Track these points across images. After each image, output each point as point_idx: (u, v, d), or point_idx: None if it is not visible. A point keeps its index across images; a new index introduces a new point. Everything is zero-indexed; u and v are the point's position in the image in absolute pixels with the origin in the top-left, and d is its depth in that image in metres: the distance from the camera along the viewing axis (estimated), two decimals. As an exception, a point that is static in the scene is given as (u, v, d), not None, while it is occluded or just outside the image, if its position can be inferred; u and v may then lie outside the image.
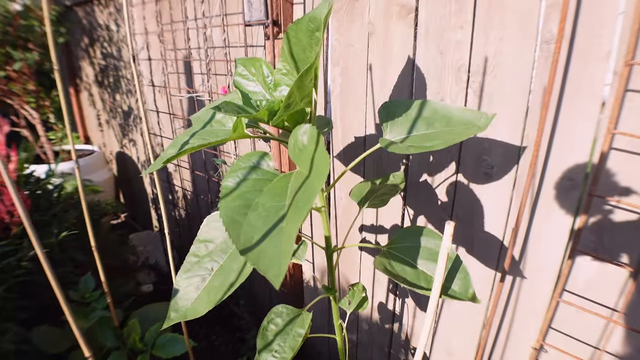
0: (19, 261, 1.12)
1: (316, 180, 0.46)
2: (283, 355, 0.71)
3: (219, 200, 0.52)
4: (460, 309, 1.09)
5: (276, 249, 0.44)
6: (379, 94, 1.07)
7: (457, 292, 0.64)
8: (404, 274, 0.66)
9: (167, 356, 1.08)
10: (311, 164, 0.49)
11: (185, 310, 0.62)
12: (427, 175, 1.05)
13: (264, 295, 1.83)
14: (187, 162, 2.00)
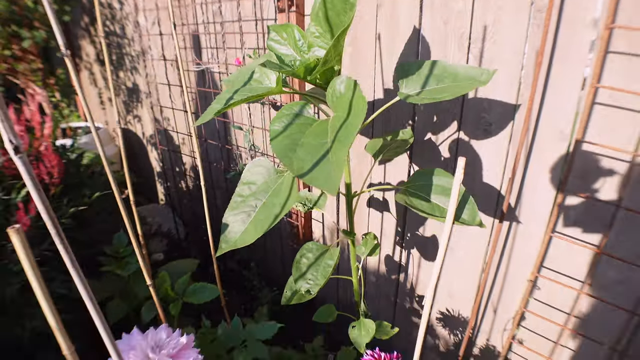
0: (60, 219, 1.22)
1: (355, 119, 0.57)
2: (316, 282, 0.83)
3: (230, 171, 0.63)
4: (462, 254, 1.21)
5: (326, 174, 0.55)
6: (387, 62, 1.17)
7: (466, 219, 0.76)
8: (421, 206, 0.77)
9: (199, 301, 1.20)
10: (349, 107, 0.60)
11: (235, 241, 0.74)
12: (431, 134, 1.16)
13: (275, 255, 1.95)
14: (189, 134, 2.09)
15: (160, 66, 2.13)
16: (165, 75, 2.11)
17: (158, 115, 2.41)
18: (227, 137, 1.88)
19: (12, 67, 2.87)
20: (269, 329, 1.01)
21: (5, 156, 1.18)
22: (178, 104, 2.15)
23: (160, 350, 0.74)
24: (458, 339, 1.37)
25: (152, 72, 2.23)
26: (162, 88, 2.20)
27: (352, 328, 1.10)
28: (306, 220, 1.64)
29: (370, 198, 1.38)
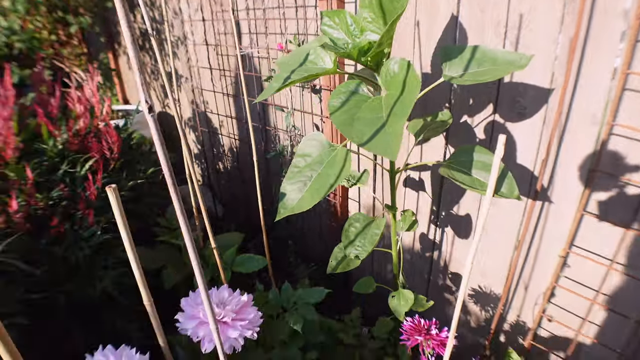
0: (120, 191, 1.32)
1: (410, 96, 0.64)
2: (364, 248, 0.90)
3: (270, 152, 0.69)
4: (495, 234, 1.26)
5: (385, 143, 0.61)
6: (425, 47, 1.22)
7: (505, 192, 0.82)
8: (462, 179, 0.83)
9: (247, 270, 1.29)
10: (403, 85, 0.66)
11: (293, 207, 0.81)
12: (467, 116, 1.21)
13: (313, 232, 2.03)
14: (230, 116, 2.18)
15: (202, 51, 2.22)
16: (207, 60, 2.20)
17: (197, 98, 2.51)
18: (266, 119, 1.96)
19: (58, 51, 3.01)
20: (318, 293, 1.09)
21: (70, 132, 1.29)
22: (217, 87, 2.23)
23: (225, 306, 0.83)
24: (489, 315, 1.43)
25: (194, 56, 2.32)
26: (203, 72, 2.29)
27: (392, 298, 1.17)
28: (343, 199, 1.71)
29: (406, 178, 1.44)
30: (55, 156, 1.25)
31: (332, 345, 1.30)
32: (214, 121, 2.45)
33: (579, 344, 1.18)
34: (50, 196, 1.15)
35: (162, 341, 0.81)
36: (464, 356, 1.53)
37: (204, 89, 2.36)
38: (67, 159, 1.27)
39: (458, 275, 1.46)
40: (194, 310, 0.82)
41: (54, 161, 1.24)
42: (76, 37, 3.01)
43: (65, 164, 1.23)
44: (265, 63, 1.82)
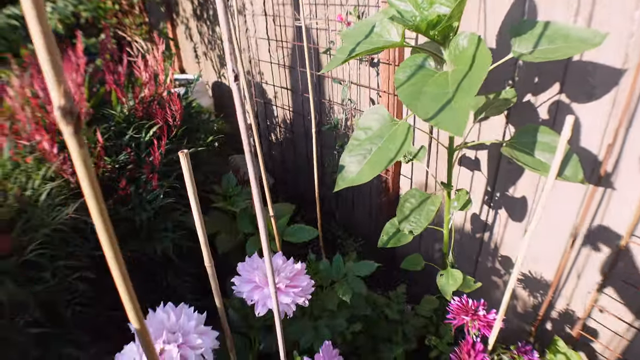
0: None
1: (479, 72, 0.62)
2: (419, 224, 0.91)
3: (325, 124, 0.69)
4: (551, 219, 1.23)
5: (451, 118, 0.61)
6: (491, 22, 1.18)
7: (569, 176, 0.80)
8: (525, 160, 0.82)
9: (297, 241, 1.33)
10: (472, 60, 0.65)
11: (352, 179, 0.82)
12: (531, 95, 1.17)
13: (362, 207, 2.04)
14: (286, 87, 2.20)
15: (260, 21, 2.23)
16: (265, 30, 2.22)
17: (253, 69, 2.54)
18: (321, 91, 1.96)
19: (121, 20, 3.11)
20: (368, 267, 1.11)
21: (137, 99, 1.35)
22: (274, 59, 2.25)
23: (279, 273, 0.86)
24: (537, 302, 1.40)
25: (252, 27, 2.34)
26: (261, 42, 2.31)
27: (440, 276, 1.17)
28: (395, 175, 1.71)
29: (462, 156, 1.42)
30: (122, 122, 1.31)
31: (376, 319, 1.32)
32: (269, 92, 2.48)
33: (631, 338, 1.15)
34: (117, 160, 1.22)
35: (219, 302, 0.85)
36: (508, 340, 1.52)
37: (261, 59, 2.38)
38: (133, 125, 1.33)
39: (508, 259, 1.44)
40: (250, 274, 0.85)
41: (121, 127, 1.31)
42: (138, 6, 3.09)
43: (132, 129, 1.30)
44: (323, 35, 1.82)
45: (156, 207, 1.20)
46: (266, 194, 1.11)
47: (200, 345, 0.77)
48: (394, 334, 1.35)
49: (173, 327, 0.81)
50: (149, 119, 1.36)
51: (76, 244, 1.04)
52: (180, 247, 1.27)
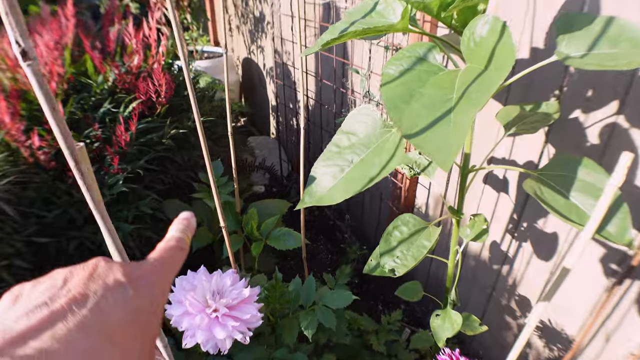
0: (161, 138, 1.22)
1: (496, 73, 0.42)
2: (405, 262, 0.71)
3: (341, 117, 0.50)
4: (583, 265, 1.01)
5: (444, 138, 0.41)
6: (541, 15, 0.95)
7: (612, 233, 0.58)
8: (555, 202, 0.60)
9: (281, 247, 1.15)
10: (490, 56, 0.45)
11: (321, 196, 0.64)
12: (580, 111, 0.94)
13: (372, 214, 1.85)
14: (313, 72, 2.01)
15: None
16: (289, 6, 2.02)
17: (279, 47, 2.36)
18: (344, 80, 1.76)
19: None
20: (342, 299, 0.92)
21: (117, 69, 1.19)
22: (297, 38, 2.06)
23: (221, 297, 0.69)
24: (553, 355, 1.19)
25: (277, 1, 2.15)
26: (285, 19, 2.12)
27: (435, 317, 0.97)
28: (411, 183, 1.50)
29: (488, 174, 1.20)
30: (100, 94, 1.16)
31: (357, 349, 1.14)
32: (292, 74, 2.30)
33: None
34: (80, 135, 1.07)
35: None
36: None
37: (285, 38, 2.20)
38: (113, 97, 1.18)
39: (526, 300, 1.22)
40: (182, 295, 0.68)
41: (100, 99, 1.16)
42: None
43: (108, 102, 1.14)
44: (350, 16, 1.61)
45: (114, 193, 1.04)
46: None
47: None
48: (376, 370, 1.16)
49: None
50: (132, 93, 1.21)
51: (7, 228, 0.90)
52: (140, 239, 1.12)
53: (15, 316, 0.22)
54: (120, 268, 0.27)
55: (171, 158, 1.30)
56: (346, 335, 1.07)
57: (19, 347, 0.20)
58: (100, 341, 0.22)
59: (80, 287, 0.24)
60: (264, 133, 3.21)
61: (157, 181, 1.28)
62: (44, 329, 0.21)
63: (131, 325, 0.24)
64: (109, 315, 0.23)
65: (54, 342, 0.21)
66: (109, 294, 0.24)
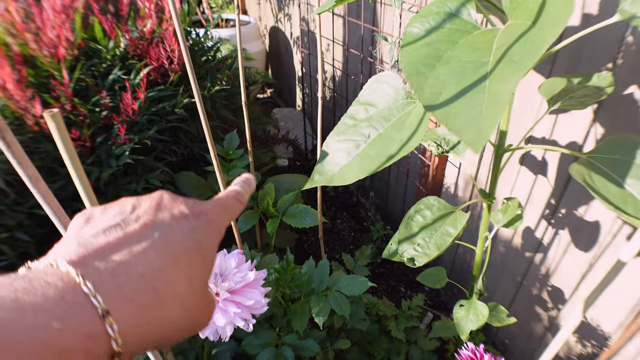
0: (173, 107, 1.16)
1: (548, 28, 0.33)
2: (426, 251, 0.63)
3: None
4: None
5: (474, 110, 0.33)
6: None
7: (676, 229, 0.48)
8: (607, 191, 0.51)
9: (297, 225, 1.08)
10: (540, 8, 0.36)
11: (332, 175, 0.56)
12: (637, 87, 0.82)
13: (398, 193, 1.77)
14: (340, 40, 1.90)
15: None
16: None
17: (305, 13, 2.25)
18: (370, 48, 1.66)
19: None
20: (358, 286, 0.85)
21: (128, 34, 1.12)
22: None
23: (223, 280, 0.63)
24: (586, 352, 1.10)
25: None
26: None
27: (460, 307, 0.90)
28: (440, 161, 1.41)
29: (525, 154, 1.10)
30: (110, 60, 1.10)
31: (375, 334, 1.08)
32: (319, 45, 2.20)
33: None
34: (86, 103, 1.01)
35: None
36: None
37: (311, 4, 2.09)
38: (124, 63, 1.12)
39: (560, 291, 1.13)
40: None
41: (109, 65, 1.10)
42: None
43: (118, 68, 1.08)
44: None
45: (121, 164, 0.99)
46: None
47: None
48: (395, 355, 1.10)
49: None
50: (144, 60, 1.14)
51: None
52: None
53: (92, 233, 0.24)
54: (184, 201, 0.29)
55: (185, 129, 1.24)
56: (363, 320, 1.01)
57: (102, 259, 0.22)
58: (170, 262, 0.24)
59: (149, 214, 0.26)
60: (290, 105, 3.13)
61: (170, 152, 1.22)
62: (121, 245, 0.24)
63: (194, 253, 0.26)
64: (175, 242, 0.25)
65: (131, 257, 0.23)
66: (174, 222, 0.26)
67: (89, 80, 1.05)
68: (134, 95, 1.06)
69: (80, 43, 1.09)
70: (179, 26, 0.67)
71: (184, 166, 1.29)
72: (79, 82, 1.04)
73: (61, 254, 0.22)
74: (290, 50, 2.78)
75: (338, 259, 1.74)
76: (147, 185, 1.05)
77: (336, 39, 1.94)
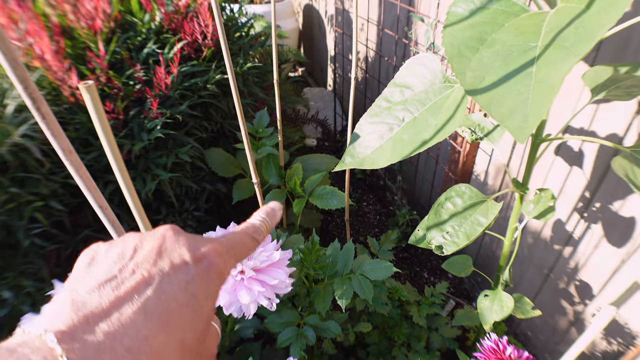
0: (205, 83, 1.16)
1: (603, 13, 0.31)
2: (455, 239, 0.62)
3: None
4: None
5: (520, 96, 0.31)
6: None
7: None
8: (651, 187, 0.49)
9: (323, 206, 1.08)
10: (596, -8, 0.34)
11: (363, 158, 0.55)
12: (688, 80, 0.78)
13: (426, 178, 1.75)
14: (375, 20, 1.87)
15: None
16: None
17: (342, -8, 2.21)
18: (406, 29, 1.62)
19: None
20: (382, 271, 0.85)
21: (163, 7, 1.12)
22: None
23: (249, 259, 0.63)
24: (611, 349, 1.08)
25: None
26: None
27: (484, 297, 0.89)
28: (472, 147, 1.38)
29: (561, 144, 1.06)
30: (145, 33, 1.10)
31: (396, 319, 1.08)
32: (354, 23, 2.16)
33: None
34: (121, 76, 1.02)
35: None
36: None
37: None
38: (159, 37, 1.12)
39: (588, 287, 1.10)
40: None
41: (144, 39, 1.10)
42: None
43: (152, 42, 1.08)
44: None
45: (152, 138, 1.00)
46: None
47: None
48: (415, 341, 1.10)
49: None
50: (178, 34, 1.14)
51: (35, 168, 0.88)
52: (180, 188, 1.09)
53: (88, 288, 0.24)
54: (186, 243, 0.28)
55: (216, 105, 1.24)
56: (385, 304, 1.01)
57: (90, 331, 0.22)
58: (159, 327, 0.23)
59: (147, 264, 0.26)
60: (321, 84, 3.10)
61: (200, 128, 1.23)
62: (112, 309, 0.23)
63: (187, 310, 0.25)
64: (168, 298, 0.25)
65: (119, 327, 0.22)
66: (172, 272, 0.26)
67: (124, 53, 1.06)
68: (167, 70, 1.06)
69: (117, 15, 1.10)
70: (215, 1, 0.67)
71: (213, 143, 1.29)
72: (114, 55, 1.05)
73: (53, 322, 0.22)
74: (324, 29, 2.75)
75: (362, 241, 1.74)
76: (177, 160, 1.06)
77: (371, 18, 1.90)
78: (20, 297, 0.78)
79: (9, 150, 0.79)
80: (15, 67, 0.24)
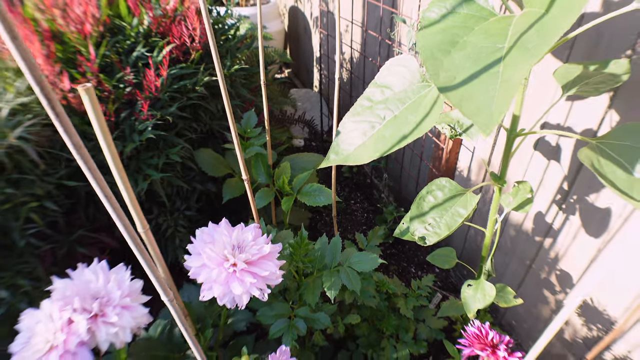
0: (194, 85, 1.18)
1: (561, 17, 0.35)
2: (437, 230, 0.66)
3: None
4: (638, 243, 0.92)
5: (487, 94, 0.35)
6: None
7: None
8: (614, 177, 0.53)
9: (311, 204, 1.12)
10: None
11: (347, 155, 0.59)
12: (655, 75, 0.82)
13: (412, 175, 1.79)
14: (359, 22, 1.90)
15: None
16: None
17: (326, -6, 2.25)
18: (388, 30, 1.66)
19: None
20: (369, 262, 0.88)
21: (151, 11, 1.15)
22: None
23: (240, 252, 0.66)
24: (591, 335, 1.12)
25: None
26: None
27: (467, 287, 0.92)
28: (455, 144, 1.42)
29: (539, 139, 1.11)
30: (134, 37, 1.12)
31: (384, 311, 1.12)
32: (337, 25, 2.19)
33: None
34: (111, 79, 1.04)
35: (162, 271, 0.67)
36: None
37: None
38: (148, 40, 1.14)
39: (568, 276, 1.15)
40: (201, 247, 0.66)
41: (133, 42, 1.12)
42: None
43: (141, 46, 1.11)
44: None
45: (143, 140, 1.02)
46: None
47: (116, 323, 0.61)
48: (403, 332, 1.14)
49: (99, 292, 0.65)
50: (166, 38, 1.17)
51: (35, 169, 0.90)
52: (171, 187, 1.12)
53: None
54: None
55: (205, 107, 1.27)
56: (373, 297, 1.04)
57: None
58: None
59: None
60: (307, 85, 3.13)
61: (190, 129, 1.25)
62: None
63: None
64: None
65: None
66: None
67: (113, 57, 1.08)
68: (157, 73, 1.08)
69: (106, 20, 1.12)
70: (204, 4, 0.69)
71: (202, 143, 1.32)
72: (104, 59, 1.07)
73: None
74: (309, 30, 2.78)
75: (351, 238, 1.77)
76: (168, 161, 1.09)
77: (355, 20, 1.94)
78: (17, 296, 0.80)
79: (4, 152, 0.81)
80: (32, 70, 0.27)
